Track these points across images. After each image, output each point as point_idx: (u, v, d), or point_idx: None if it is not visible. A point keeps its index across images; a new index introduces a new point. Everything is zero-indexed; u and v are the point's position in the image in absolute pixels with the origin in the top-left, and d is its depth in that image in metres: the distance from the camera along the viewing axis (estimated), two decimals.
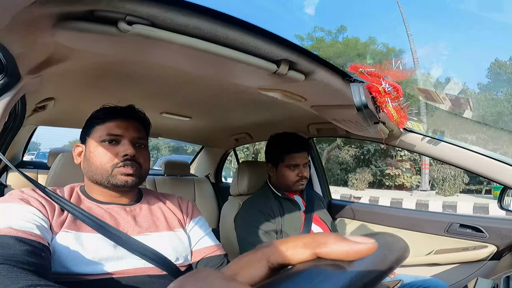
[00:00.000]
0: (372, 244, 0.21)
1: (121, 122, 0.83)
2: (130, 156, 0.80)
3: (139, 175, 0.82)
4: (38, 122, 1.85)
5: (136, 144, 0.83)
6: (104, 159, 0.79)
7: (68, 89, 1.17)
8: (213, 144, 2.53)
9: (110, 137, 0.81)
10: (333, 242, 0.21)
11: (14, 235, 0.57)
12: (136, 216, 0.82)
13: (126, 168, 0.79)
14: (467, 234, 1.35)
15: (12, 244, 0.55)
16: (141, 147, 0.85)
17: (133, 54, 0.72)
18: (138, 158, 0.82)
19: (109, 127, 0.82)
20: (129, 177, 0.79)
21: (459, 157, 1.14)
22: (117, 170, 0.79)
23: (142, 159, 0.84)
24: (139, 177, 0.82)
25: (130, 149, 0.80)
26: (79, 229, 0.71)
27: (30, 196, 0.69)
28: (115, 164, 0.79)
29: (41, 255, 0.58)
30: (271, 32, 0.63)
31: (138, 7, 0.50)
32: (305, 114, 1.28)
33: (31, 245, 0.57)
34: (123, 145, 0.81)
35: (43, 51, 0.67)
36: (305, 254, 0.21)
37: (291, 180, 1.36)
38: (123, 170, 0.79)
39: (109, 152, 0.79)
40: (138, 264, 0.73)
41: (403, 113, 0.97)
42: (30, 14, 0.49)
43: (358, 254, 0.21)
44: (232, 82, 0.88)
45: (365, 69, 0.84)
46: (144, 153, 0.85)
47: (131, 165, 0.80)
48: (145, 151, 0.87)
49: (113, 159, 0.79)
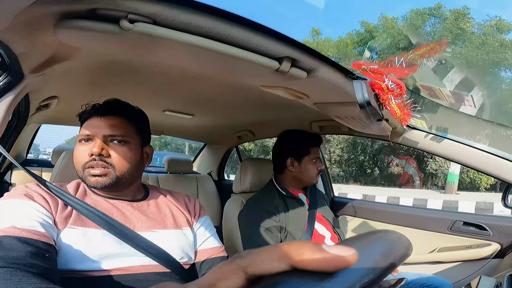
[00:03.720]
0: (351, 256, 0.19)
1: (95, 119, 0.80)
2: (95, 155, 0.76)
3: (113, 175, 0.77)
4: (42, 121, 1.86)
5: (113, 141, 0.79)
6: (77, 159, 0.78)
7: (71, 87, 1.17)
8: (216, 141, 2.53)
9: (84, 136, 0.79)
10: (309, 255, 0.19)
11: (17, 235, 0.56)
12: (144, 212, 0.81)
13: (93, 168, 0.76)
14: (470, 232, 1.35)
15: (15, 246, 0.54)
16: (119, 144, 0.79)
17: (135, 52, 0.72)
18: (108, 157, 0.77)
19: (86, 126, 0.80)
20: (98, 178, 0.76)
21: (462, 154, 1.13)
22: (86, 170, 0.77)
23: (116, 158, 0.78)
24: (113, 178, 0.77)
25: (95, 147, 0.76)
26: (85, 225, 0.71)
27: (34, 191, 0.69)
28: (84, 164, 0.77)
29: (45, 255, 0.57)
30: (273, 29, 0.62)
31: (140, 5, 0.50)
32: (308, 111, 1.28)
33: (35, 246, 0.57)
34: (94, 143, 0.78)
35: (46, 50, 0.67)
36: (281, 266, 0.20)
37: (314, 173, 1.38)
38: (91, 170, 0.76)
39: (82, 152, 0.78)
40: (143, 261, 0.73)
41: (406, 110, 0.96)
42: (32, 13, 0.50)
43: (335, 267, 0.19)
44: (234, 80, 0.87)
45: (368, 66, 0.84)
46: (121, 151, 0.79)
47: (97, 165, 0.76)
48: (124, 148, 0.79)
49: (82, 159, 0.77)
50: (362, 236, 0.29)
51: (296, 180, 1.40)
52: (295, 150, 1.39)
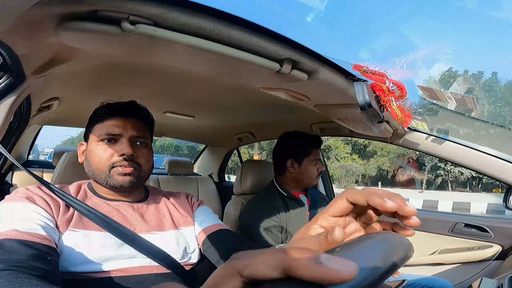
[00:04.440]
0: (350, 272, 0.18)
1: (120, 120, 0.81)
2: (127, 155, 0.77)
3: (138, 175, 0.80)
4: (43, 122, 1.86)
5: (137, 143, 0.82)
6: (101, 159, 0.78)
7: (73, 88, 1.18)
8: (216, 143, 2.53)
9: (108, 136, 0.79)
10: (306, 266, 0.18)
11: (19, 238, 0.56)
12: (144, 213, 0.82)
13: (123, 168, 0.77)
14: (472, 234, 1.34)
15: (17, 249, 0.54)
16: (142, 146, 0.83)
17: (136, 54, 0.72)
18: (137, 158, 0.80)
19: (107, 125, 0.80)
20: (127, 177, 0.77)
21: (464, 156, 1.13)
22: (114, 170, 0.77)
23: (142, 159, 0.81)
24: (137, 177, 0.80)
25: (127, 148, 0.77)
26: (86, 227, 0.71)
27: (35, 194, 0.69)
28: (112, 163, 0.77)
29: (47, 258, 0.57)
30: (274, 31, 0.62)
31: (141, 6, 0.51)
32: (309, 113, 1.28)
33: (36, 249, 0.56)
34: (121, 144, 0.78)
35: (47, 51, 0.67)
36: (276, 273, 0.19)
37: (314, 174, 1.38)
38: (120, 169, 0.77)
39: (107, 152, 0.78)
40: (144, 262, 0.73)
41: (407, 112, 0.96)
42: (34, 14, 0.50)
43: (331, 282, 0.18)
44: (235, 81, 0.88)
45: (368, 68, 0.84)
46: (145, 152, 0.82)
47: (128, 165, 0.78)
48: (146, 150, 0.83)
49: (110, 158, 0.77)
50: (363, 237, 0.29)
51: (297, 181, 1.40)
52: (295, 152, 1.39)
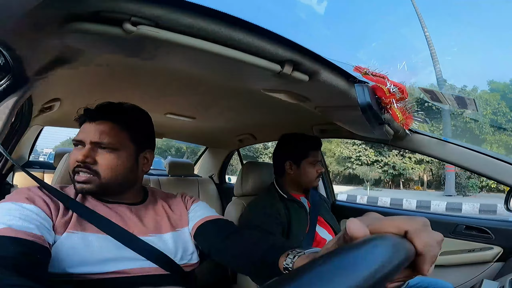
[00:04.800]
0: None
1: (86, 124, 0.79)
2: (79, 162, 0.75)
3: (97, 183, 0.76)
4: (45, 123, 1.87)
5: (99, 148, 0.77)
6: (69, 164, 0.78)
7: (74, 90, 1.18)
8: (217, 144, 2.54)
9: (75, 142, 0.79)
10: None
11: (12, 235, 0.57)
12: (141, 216, 0.82)
13: (78, 175, 0.76)
14: (473, 236, 1.34)
15: (7, 245, 0.55)
16: (104, 151, 0.77)
17: (138, 55, 0.72)
18: (95, 164, 0.76)
19: (80, 130, 0.80)
20: (82, 184, 0.75)
21: (465, 159, 1.13)
22: (75, 177, 0.77)
23: (101, 165, 0.76)
24: (98, 184, 0.76)
25: (80, 155, 0.75)
26: (85, 229, 0.71)
27: (36, 195, 0.69)
28: (72, 170, 0.77)
29: (36, 256, 0.58)
30: (275, 33, 0.62)
31: (142, 8, 0.51)
32: (309, 114, 1.28)
33: (27, 247, 0.57)
34: (80, 149, 0.77)
35: (49, 52, 0.68)
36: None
37: (313, 175, 1.37)
38: (76, 177, 0.76)
39: (72, 157, 0.78)
40: (143, 264, 0.73)
41: (409, 114, 0.96)
42: (36, 15, 0.50)
43: None
44: (236, 83, 0.88)
45: (369, 70, 0.84)
46: (106, 158, 0.76)
47: (82, 172, 0.75)
48: (109, 155, 0.77)
49: (72, 164, 0.77)
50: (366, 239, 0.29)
51: (295, 183, 1.40)
52: (294, 153, 1.39)
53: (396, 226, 0.31)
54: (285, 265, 0.57)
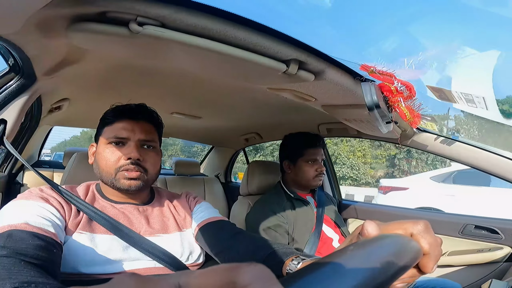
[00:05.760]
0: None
1: (128, 123, 0.81)
2: (133, 159, 0.77)
3: (144, 179, 0.80)
4: (54, 123, 1.89)
5: (144, 146, 0.81)
6: (108, 162, 0.78)
7: (82, 89, 1.19)
8: (223, 144, 2.54)
9: (116, 139, 0.79)
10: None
11: (29, 230, 0.57)
12: (149, 216, 0.82)
13: (129, 172, 0.77)
14: (482, 236, 1.32)
15: (25, 238, 0.55)
16: (149, 149, 0.82)
17: (144, 55, 0.73)
18: (143, 162, 0.79)
19: (116, 128, 0.80)
20: (132, 181, 0.77)
21: (474, 158, 1.11)
22: (120, 173, 0.77)
23: (149, 163, 0.81)
24: (144, 181, 0.80)
25: (134, 152, 0.77)
26: (93, 231, 0.72)
27: (49, 195, 0.70)
28: (118, 167, 0.77)
29: (53, 251, 0.58)
30: (281, 31, 0.62)
31: (148, 8, 0.51)
32: (315, 113, 1.27)
33: (43, 240, 0.58)
34: (128, 147, 0.79)
35: (58, 52, 0.69)
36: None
37: (310, 175, 1.36)
38: (126, 174, 0.77)
39: (114, 155, 0.78)
40: (149, 264, 0.74)
41: (416, 112, 0.95)
42: (44, 16, 0.51)
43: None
44: (241, 82, 0.87)
45: (376, 68, 0.83)
46: (152, 156, 0.82)
47: (134, 169, 0.77)
48: (154, 153, 0.83)
49: (116, 162, 0.78)
50: (374, 239, 0.29)
51: (295, 182, 1.40)
52: (290, 152, 1.39)
53: (404, 228, 0.35)
54: (288, 270, 0.57)
